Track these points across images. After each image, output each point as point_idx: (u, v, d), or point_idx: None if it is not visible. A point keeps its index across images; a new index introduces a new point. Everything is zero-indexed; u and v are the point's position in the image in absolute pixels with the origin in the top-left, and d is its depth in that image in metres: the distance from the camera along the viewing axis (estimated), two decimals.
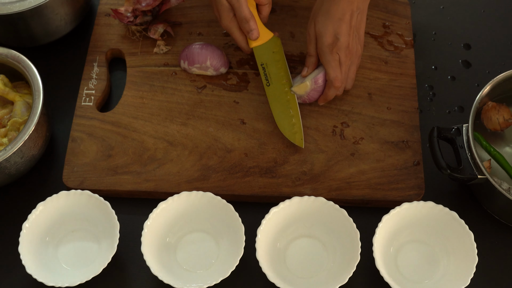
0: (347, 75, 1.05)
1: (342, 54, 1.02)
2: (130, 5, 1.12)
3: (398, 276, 0.96)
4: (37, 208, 0.97)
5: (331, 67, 1.02)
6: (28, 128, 0.97)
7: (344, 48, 1.01)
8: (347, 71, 1.05)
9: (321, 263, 0.97)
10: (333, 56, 1.01)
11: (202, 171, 1.03)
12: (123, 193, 1.02)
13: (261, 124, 1.07)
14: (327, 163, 1.04)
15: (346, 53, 1.02)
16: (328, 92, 1.05)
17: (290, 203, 0.97)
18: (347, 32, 1.01)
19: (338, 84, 1.03)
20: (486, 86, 1.01)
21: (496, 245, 1.00)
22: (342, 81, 1.03)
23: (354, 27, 1.02)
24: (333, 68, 1.02)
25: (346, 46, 1.01)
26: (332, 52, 1.01)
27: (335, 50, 1.01)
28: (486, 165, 0.99)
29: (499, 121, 1.03)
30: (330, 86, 1.04)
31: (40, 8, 1.06)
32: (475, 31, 1.19)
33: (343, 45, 1.01)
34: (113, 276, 0.97)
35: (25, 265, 0.93)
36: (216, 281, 0.92)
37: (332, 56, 1.01)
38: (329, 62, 1.02)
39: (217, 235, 0.99)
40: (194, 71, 1.11)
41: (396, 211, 0.97)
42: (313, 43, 1.05)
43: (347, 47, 1.02)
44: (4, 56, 1.03)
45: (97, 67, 1.12)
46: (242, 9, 1.01)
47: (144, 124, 1.07)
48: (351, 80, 1.07)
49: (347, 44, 1.01)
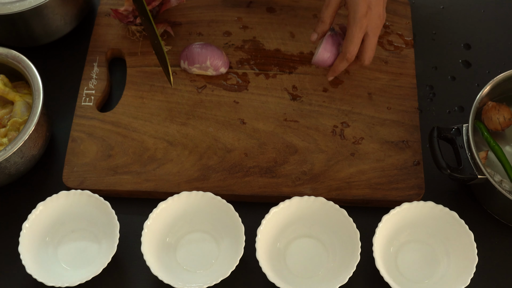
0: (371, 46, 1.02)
1: (372, 23, 1.00)
2: (130, 5, 1.12)
3: (398, 276, 0.96)
4: (37, 208, 0.97)
5: (352, 42, 1.00)
6: (28, 128, 0.97)
7: (376, 18, 1.00)
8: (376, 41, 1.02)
9: (321, 263, 0.97)
10: (361, 30, 0.99)
11: (202, 171, 1.03)
12: (123, 193, 1.02)
13: (261, 124, 1.07)
14: (327, 163, 1.04)
15: (377, 22, 1.00)
16: (339, 64, 1.04)
17: (290, 203, 0.97)
18: (379, 2, 1.00)
19: (351, 58, 1.02)
20: (486, 86, 1.01)
21: (496, 245, 1.00)
22: (354, 56, 1.02)
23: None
24: (353, 43, 1.00)
25: (378, 15, 1.00)
26: (362, 25, 0.99)
27: (366, 21, 0.99)
28: (483, 155, 0.99)
29: (499, 120, 1.03)
30: (343, 58, 1.02)
31: (40, 8, 1.06)
32: (475, 31, 1.19)
33: (375, 15, 1.00)
34: (113, 276, 0.97)
35: (25, 265, 0.93)
36: (216, 281, 0.92)
37: (360, 30, 0.99)
38: (354, 36, 1.00)
39: (217, 235, 0.99)
40: (194, 71, 1.11)
41: (396, 211, 0.97)
42: (334, 10, 1.02)
43: (378, 17, 1.00)
44: (4, 56, 1.03)
45: (97, 67, 1.12)
46: None
47: (144, 124, 1.07)
48: (372, 53, 1.03)
49: (379, 14, 1.00)
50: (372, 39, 1.01)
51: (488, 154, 1.01)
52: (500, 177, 0.99)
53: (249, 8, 1.18)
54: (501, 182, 0.99)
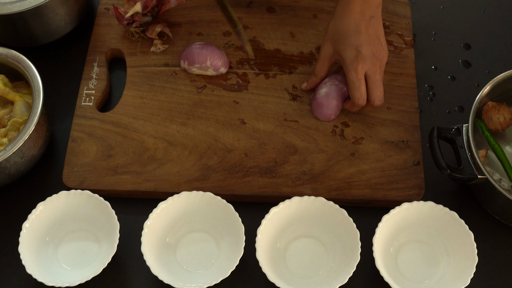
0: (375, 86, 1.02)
1: (368, 63, 1.00)
2: (130, 6, 1.12)
3: (398, 276, 0.96)
4: (37, 208, 0.97)
5: (355, 88, 1.02)
6: (28, 128, 0.97)
7: (370, 57, 1.00)
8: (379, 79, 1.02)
9: (321, 263, 0.97)
10: (357, 73, 1.00)
11: (202, 171, 1.03)
12: (123, 193, 1.02)
13: (261, 124, 1.07)
14: (327, 163, 1.04)
15: (373, 60, 1.00)
16: (352, 108, 1.05)
17: (290, 203, 0.97)
18: (368, 42, 1.00)
19: (362, 103, 1.03)
20: (486, 86, 1.01)
21: (496, 245, 1.00)
22: (364, 99, 1.03)
23: (373, 35, 1.01)
24: (357, 89, 1.01)
25: (371, 54, 1.00)
26: (356, 69, 1.00)
27: (360, 63, 1.00)
28: (482, 154, 1.00)
29: (499, 120, 1.03)
30: (353, 104, 1.04)
31: (40, 8, 1.06)
32: (475, 31, 1.19)
33: (367, 54, 1.00)
34: (113, 276, 0.97)
35: (25, 265, 0.93)
36: (216, 281, 0.92)
37: (356, 76, 1.00)
38: (354, 82, 1.01)
39: (217, 235, 0.99)
40: (194, 71, 1.11)
41: (396, 211, 0.97)
42: (325, 64, 1.05)
43: (372, 55, 1.00)
44: (4, 56, 1.03)
45: (97, 67, 1.12)
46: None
47: (144, 124, 1.07)
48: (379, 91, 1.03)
49: (371, 53, 1.00)
50: (373, 78, 1.02)
51: (488, 153, 1.01)
52: (499, 175, 0.99)
53: (249, 8, 1.18)
54: (500, 180, 0.99)
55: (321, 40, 1.14)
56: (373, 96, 1.03)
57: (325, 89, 1.06)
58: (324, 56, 1.05)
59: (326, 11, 1.17)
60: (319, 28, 1.16)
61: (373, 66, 1.01)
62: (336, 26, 1.02)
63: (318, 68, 1.06)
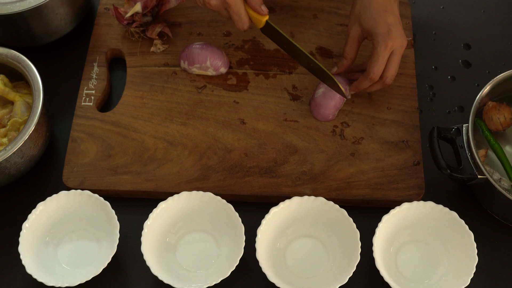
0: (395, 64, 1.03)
1: (398, 42, 1.00)
2: (130, 6, 1.12)
3: (398, 276, 0.96)
4: (37, 208, 0.97)
5: (378, 62, 1.01)
6: (28, 128, 0.97)
7: (400, 36, 1.00)
8: (399, 60, 1.03)
9: (321, 263, 0.97)
10: (387, 49, 1.00)
11: (202, 171, 1.03)
12: (123, 193, 1.02)
13: (261, 124, 1.07)
14: (327, 163, 1.04)
15: (402, 40, 1.01)
16: (362, 82, 1.04)
17: (290, 203, 0.97)
18: (397, 22, 1.01)
19: (376, 77, 1.02)
20: (486, 86, 1.01)
21: (496, 245, 1.00)
22: (379, 75, 1.02)
23: (399, 17, 1.02)
24: (379, 63, 1.01)
25: (400, 34, 1.01)
26: (387, 44, 1.00)
27: (391, 40, 1.00)
28: (482, 153, 1.00)
29: (500, 120, 1.03)
30: (366, 77, 1.03)
31: (40, 8, 1.06)
32: (475, 31, 1.19)
33: (398, 34, 1.00)
34: (113, 276, 0.97)
35: (25, 265, 0.93)
36: (216, 281, 0.92)
37: (385, 49, 1.00)
38: (379, 57, 1.01)
39: (217, 235, 0.99)
40: (194, 71, 1.11)
41: (396, 211, 0.97)
42: (355, 45, 1.05)
43: (402, 35, 1.01)
44: (4, 56, 1.03)
45: (97, 67, 1.12)
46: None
47: (144, 124, 1.07)
48: (395, 71, 1.04)
49: (401, 33, 1.01)
50: (396, 57, 1.02)
51: (488, 153, 1.01)
52: (499, 175, 0.99)
53: None
54: (499, 180, 0.99)
55: (321, 40, 1.14)
56: (388, 73, 1.03)
57: (323, 89, 1.06)
58: (353, 37, 1.04)
59: (326, 11, 1.17)
60: (319, 28, 1.16)
61: (400, 45, 1.01)
62: (365, 6, 1.02)
63: (348, 50, 1.06)
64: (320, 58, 1.13)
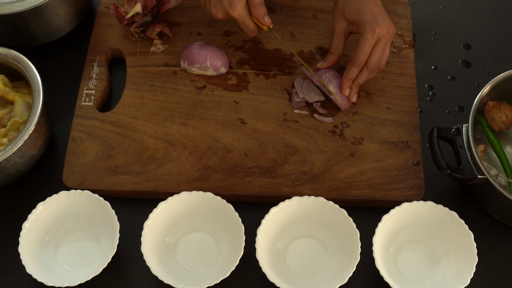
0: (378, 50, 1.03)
1: (384, 29, 1.00)
2: (130, 6, 1.12)
3: (398, 276, 0.96)
4: (37, 208, 0.97)
5: (363, 51, 1.01)
6: (28, 128, 0.97)
7: (386, 24, 1.01)
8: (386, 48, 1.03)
9: (321, 263, 0.97)
10: (373, 36, 1.00)
11: (202, 171, 1.03)
12: (123, 193, 1.02)
13: (261, 124, 1.07)
14: (327, 163, 1.04)
15: (389, 27, 1.01)
16: (349, 71, 1.04)
17: (290, 203, 0.97)
18: (382, 12, 1.02)
19: (361, 64, 1.03)
20: (486, 86, 1.01)
21: (496, 245, 1.00)
22: (363, 64, 1.03)
23: (382, 7, 1.03)
24: (364, 51, 1.01)
25: (387, 21, 1.01)
26: (374, 31, 1.00)
27: (377, 28, 1.00)
28: (481, 149, 1.00)
29: (502, 119, 1.03)
30: (353, 64, 1.03)
31: (40, 8, 1.06)
32: (475, 31, 1.19)
33: (384, 21, 1.00)
34: (113, 276, 0.97)
35: (25, 265, 0.93)
36: (216, 281, 0.92)
37: (371, 37, 1.00)
38: (365, 44, 1.01)
39: (217, 235, 0.99)
40: (194, 71, 1.11)
41: (396, 211, 0.97)
42: (341, 40, 1.05)
43: (388, 22, 1.01)
44: (4, 56, 1.03)
45: (97, 67, 1.12)
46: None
47: (144, 124, 1.07)
48: (378, 57, 1.03)
49: (387, 20, 1.01)
50: (382, 44, 1.02)
51: (487, 150, 1.01)
52: (496, 171, 0.99)
53: None
54: (496, 176, 0.99)
55: (321, 40, 1.14)
56: (371, 59, 1.02)
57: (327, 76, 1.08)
58: (339, 32, 1.05)
59: (326, 11, 1.17)
60: (319, 28, 1.16)
61: (387, 32, 1.01)
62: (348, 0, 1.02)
63: (334, 45, 1.06)
64: (320, 58, 1.13)
